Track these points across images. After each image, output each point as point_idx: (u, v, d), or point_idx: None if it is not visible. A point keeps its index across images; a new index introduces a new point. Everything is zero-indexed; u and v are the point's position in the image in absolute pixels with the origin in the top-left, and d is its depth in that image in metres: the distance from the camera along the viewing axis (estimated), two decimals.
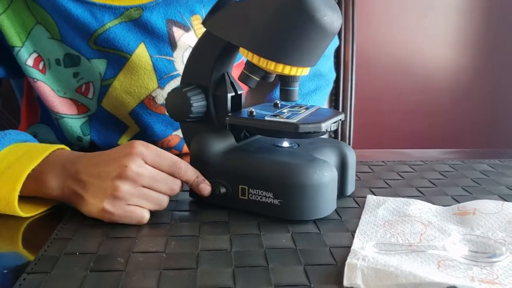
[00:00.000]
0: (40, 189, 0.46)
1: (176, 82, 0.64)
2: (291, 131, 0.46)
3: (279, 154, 0.48)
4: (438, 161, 0.66)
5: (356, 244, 0.40)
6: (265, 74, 0.48)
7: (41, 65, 0.61)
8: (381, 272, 0.34)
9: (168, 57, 0.63)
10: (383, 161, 0.65)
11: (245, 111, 0.51)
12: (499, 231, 0.42)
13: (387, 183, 0.57)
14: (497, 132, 1.55)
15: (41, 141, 0.53)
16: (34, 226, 0.46)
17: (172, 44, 0.62)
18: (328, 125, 0.46)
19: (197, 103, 0.49)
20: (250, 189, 0.46)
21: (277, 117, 0.47)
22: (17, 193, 0.45)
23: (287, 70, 0.45)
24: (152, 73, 0.63)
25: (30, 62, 0.61)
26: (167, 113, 0.65)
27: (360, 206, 0.49)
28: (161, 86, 0.64)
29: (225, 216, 0.46)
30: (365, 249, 0.38)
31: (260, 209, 0.46)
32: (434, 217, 0.45)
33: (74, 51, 0.61)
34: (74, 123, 0.65)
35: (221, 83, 0.51)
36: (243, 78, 0.47)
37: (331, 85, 0.85)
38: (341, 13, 1.02)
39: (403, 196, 0.51)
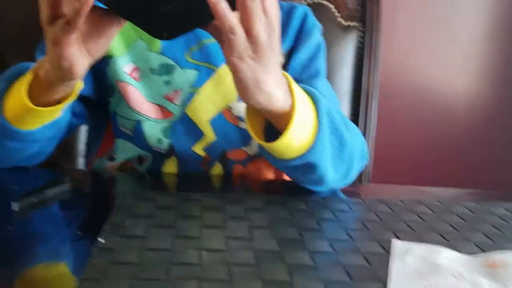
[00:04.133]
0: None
1: None
2: None
3: None
4: (454, 202, 0.67)
5: None
6: None
7: (135, 74, 0.70)
8: None
9: None
10: (401, 200, 0.65)
11: None
12: None
13: (409, 226, 0.57)
14: None
15: (121, 152, 0.71)
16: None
17: None
18: None
19: None
20: None
21: None
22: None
23: None
24: (233, 86, 0.66)
25: (126, 70, 0.70)
26: (241, 126, 0.70)
27: (386, 251, 0.49)
28: (238, 99, 0.69)
29: (252, 258, 0.45)
30: None
31: None
32: (462, 267, 0.45)
33: (171, 61, 0.70)
34: (157, 126, 0.70)
35: None
36: None
37: None
38: (364, 41, 0.99)
39: (426, 241, 0.51)
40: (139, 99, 0.70)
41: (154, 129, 0.71)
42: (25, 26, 1.01)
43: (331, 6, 1.10)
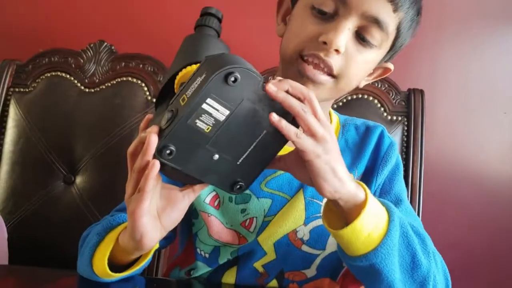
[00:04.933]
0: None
1: (317, 222, 0.71)
2: None
3: None
4: None
5: None
6: None
7: (216, 202, 0.72)
8: None
9: (317, 201, 0.72)
10: None
11: None
12: None
13: None
14: None
15: (198, 272, 0.73)
16: None
17: None
18: None
19: None
20: None
21: None
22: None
23: None
24: (303, 212, 0.71)
25: (207, 200, 0.72)
26: (303, 249, 0.72)
27: None
28: (305, 223, 0.70)
29: None
30: None
31: None
32: None
33: (248, 190, 0.69)
34: (231, 250, 0.73)
35: None
36: None
37: None
38: (408, 135, 1.00)
39: None
40: (219, 227, 0.72)
41: (227, 252, 0.73)
42: (92, 126, 1.12)
43: (375, 101, 1.15)
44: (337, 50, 0.62)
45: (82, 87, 1.14)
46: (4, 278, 0.71)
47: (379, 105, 1.14)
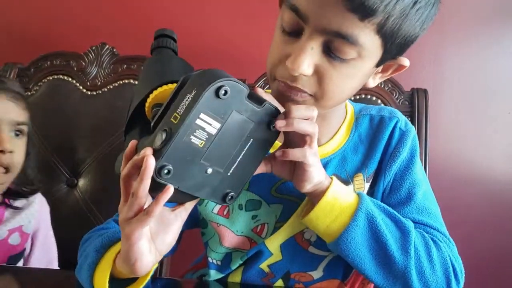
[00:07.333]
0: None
1: None
2: None
3: None
4: None
5: None
6: None
7: (225, 211, 0.71)
8: None
9: None
10: None
11: None
12: None
13: None
14: None
15: (211, 277, 0.73)
16: None
17: None
18: None
19: None
20: None
21: None
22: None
23: None
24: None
25: (216, 210, 0.71)
26: (310, 250, 0.72)
27: None
28: None
29: None
30: None
31: None
32: None
33: (257, 197, 0.70)
34: (241, 254, 0.73)
35: None
36: None
37: None
38: (415, 134, 1.01)
39: None
40: (230, 236, 0.72)
41: (238, 256, 0.73)
42: (94, 128, 1.12)
43: (378, 101, 1.14)
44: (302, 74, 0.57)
45: (84, 90, 1.14)
46: (3, 279, 0.71)
47: (382, 105, 1.14)
